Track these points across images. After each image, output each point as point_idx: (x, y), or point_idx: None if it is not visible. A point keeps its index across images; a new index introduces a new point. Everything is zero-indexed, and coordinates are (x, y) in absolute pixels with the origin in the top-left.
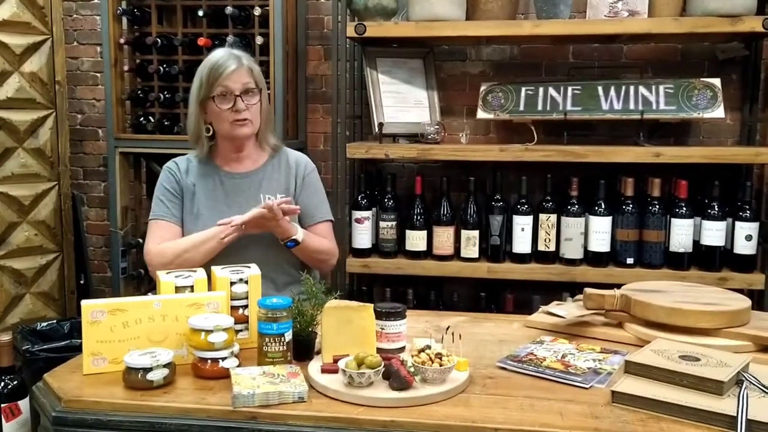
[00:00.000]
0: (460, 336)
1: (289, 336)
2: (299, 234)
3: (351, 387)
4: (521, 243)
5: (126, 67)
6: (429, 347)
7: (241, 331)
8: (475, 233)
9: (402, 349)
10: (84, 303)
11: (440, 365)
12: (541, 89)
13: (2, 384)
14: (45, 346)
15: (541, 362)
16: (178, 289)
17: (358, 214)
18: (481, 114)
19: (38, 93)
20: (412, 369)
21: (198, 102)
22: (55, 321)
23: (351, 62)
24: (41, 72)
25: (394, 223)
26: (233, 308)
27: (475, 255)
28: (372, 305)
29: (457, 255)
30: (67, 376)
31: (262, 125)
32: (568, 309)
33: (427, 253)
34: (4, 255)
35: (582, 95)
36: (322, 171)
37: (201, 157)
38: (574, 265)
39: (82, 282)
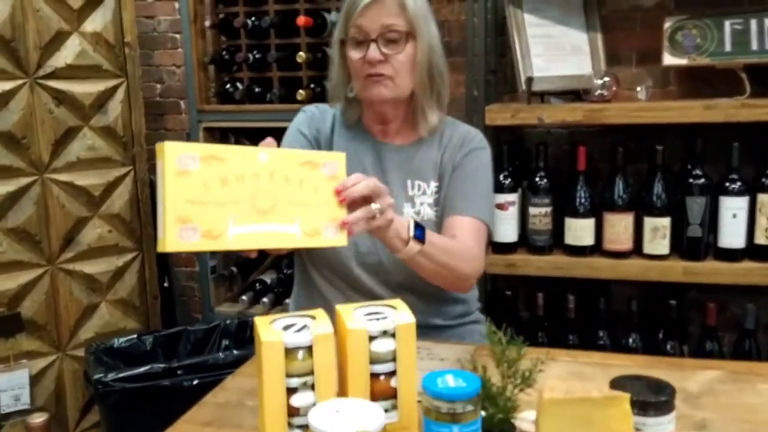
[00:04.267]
0: None
1: None
2: (412, 223)
3: None
4: (731, 234)
5: (208, 23)
6: None
7: (387, 411)
8: (665, 221)
9: None
10: (168, 144)
11: None
12: (753, 22)
13: None
14: (121, 375)
15: None
16: None
17: (500, 197)
18: (668, 59)
19: (104, 58)
20: None
21: (338, 46)
22: (135, 336)
23: (485, 1)
24: (106, 32)
25: (548, 208)
26: (373, 376)
27: (665, 251)
28: (628, 395)
29: (637, 251)
30: None
31: (418, 88)
32: None
33: (595, 248)
34: (73, 257)
35: None
36: None
37: (349, 122)
38: None
39: (166, 285)
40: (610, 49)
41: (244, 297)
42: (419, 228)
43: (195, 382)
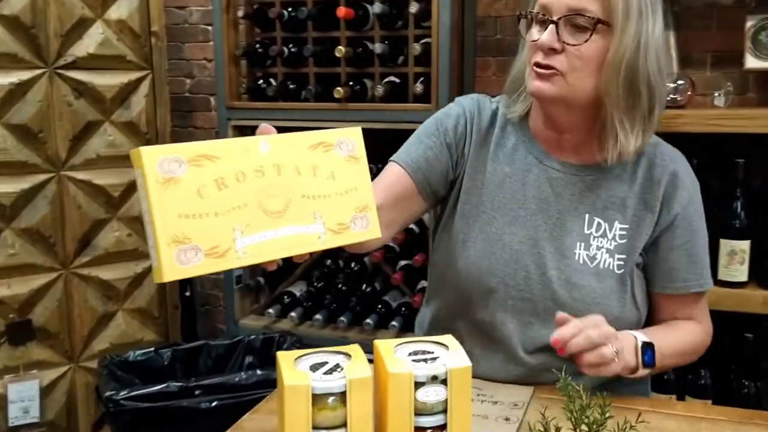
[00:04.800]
0: None
1: None
2: (639, 336)
3: None
4: None
5: (240, 13)
6: None
7: None
8: (744, 245)
9: None
10: (144, 149)
11: None
12: None
13: None
14: (134, 393)
15: None
16: None
17: None
18: (751, 62)
19: (128, 48)
20: None
21: (522, 28)
22: (152, 349)
23: None
24: (132, 20)
25: None
26: (419, 430)
27: (744, 278)
28: None
29: (712, 276)
30: None
31: (608, 97)
32: None
33: None
34: (89, 262)
35: None
36: None
37: (515, 117)
38: None
39: (187, 294)
40: (682, 50)
41: (270, 310)
42: (648, 350)
43: (213, 404)
